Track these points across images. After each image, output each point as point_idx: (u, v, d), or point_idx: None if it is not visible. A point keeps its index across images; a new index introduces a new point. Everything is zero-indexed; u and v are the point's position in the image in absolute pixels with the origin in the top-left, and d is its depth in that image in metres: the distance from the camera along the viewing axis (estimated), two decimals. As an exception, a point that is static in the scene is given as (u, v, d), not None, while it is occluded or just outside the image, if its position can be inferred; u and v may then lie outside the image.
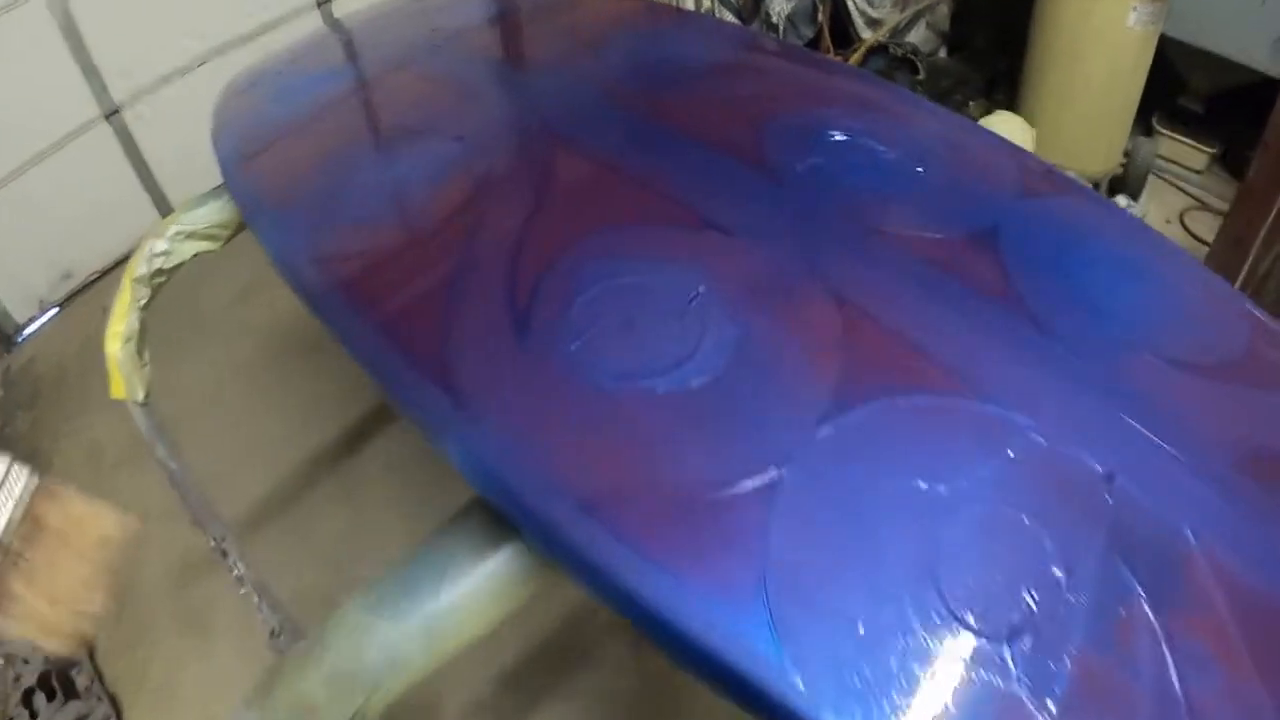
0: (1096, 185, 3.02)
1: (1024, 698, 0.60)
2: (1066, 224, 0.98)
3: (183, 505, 1.15)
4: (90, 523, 0.54)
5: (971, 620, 0.64)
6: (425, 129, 1.04)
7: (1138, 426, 0.77)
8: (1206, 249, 3.07)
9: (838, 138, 1.01)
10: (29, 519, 0.50)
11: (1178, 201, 3.32)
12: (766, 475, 0.69)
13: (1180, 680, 0.64)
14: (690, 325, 0.77)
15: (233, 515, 1.41)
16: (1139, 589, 0.67)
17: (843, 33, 3.10)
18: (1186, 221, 3.26)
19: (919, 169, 0.99)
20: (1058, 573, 0.67)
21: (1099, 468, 0.73)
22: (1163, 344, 0.87)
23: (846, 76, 1.19)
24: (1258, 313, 0.96)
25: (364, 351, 0.81)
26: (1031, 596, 0.65)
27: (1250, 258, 2.41)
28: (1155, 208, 3.18)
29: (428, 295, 0.84)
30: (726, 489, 0.68)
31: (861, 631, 0.63)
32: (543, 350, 0.77)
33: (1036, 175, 1.06)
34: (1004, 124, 2.55)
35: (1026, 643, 0.63)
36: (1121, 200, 2.83)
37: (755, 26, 3.03)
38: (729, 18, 3.02)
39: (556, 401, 0.74)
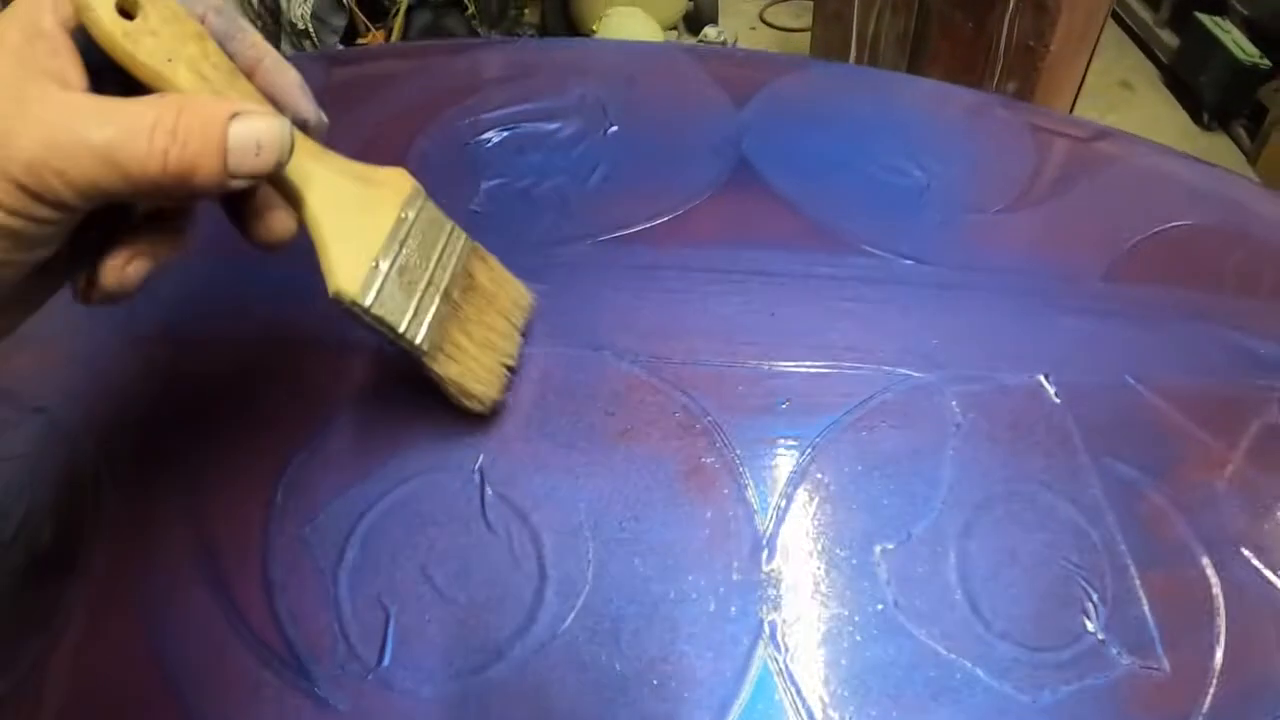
0: (675, 29, 2.96)
1: (1129, 662, 0.48)
2: (803, 114, 0.79)
3: None
4: (509, 285, 0.53)
5: (1080, 626, 0.49)
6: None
7: (1020, 305, 0.64)
8: (796, 34, 3.15)
9: (493, 139, 0.75)
10: (465, 274, 0.48)
11: (752, 6, 3.37)
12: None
13: (1217, 527, 0.54)
14: (509, 537, 0.50)
15: None
16: (1136, 472, 0.56)
17: (373, 5, 2.78)
18: (768, 18, 3.32)
19: (611, 128, 0.75)
20: (1076, 517, 0.53)
21: (1028, 376, 0.60)
22: (976, 196, 0.73)
23: (443, 56, 0.91)
24: (1017, 110, 0.87)
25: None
26: (1077, 569, 0.51)
27: (854, 27, 2.42)
28: (736, 22, 3.19)
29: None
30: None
31: None
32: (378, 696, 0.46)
33: (730, 71, 0.85)
34: (629, 22, 2.37)
35: (1104, 615, 0.50)
36: (711, 31, 2.78)
37: (283, 41, 2.62)
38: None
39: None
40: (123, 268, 0.38)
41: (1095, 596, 0.50)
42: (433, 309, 0.46)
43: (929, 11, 2.27)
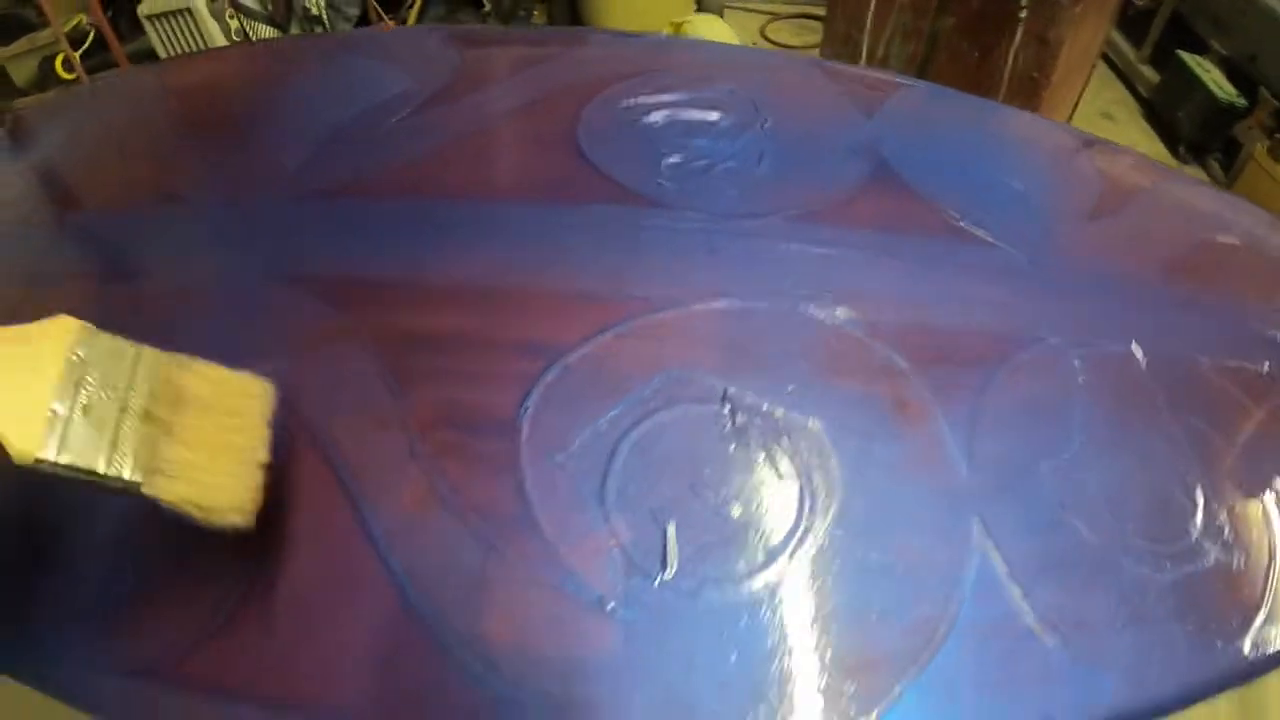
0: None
1: (1217, 556, 0.60)
2: (922, 128, 0.90)
3: None
4: (231, 382, 0.49)
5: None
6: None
7: (1109, 296, 0.76)
8: (797, 50, 3.27)
9: (660, 121, 0.84)
10: (170, 388, 0.45)
11: (754, 22, 3.49)
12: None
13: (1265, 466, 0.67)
14: (758, 439, 0.59)
15: None
16: (1204, 425, 0.68)
17: (386, -6, 2.84)
18: (769, 34, 3.44)
19: (766, 122, 0.85)
20: (1173, 454, 0.65)
21: (1123, 345, 0.72)
22: (1069, 206, 0.86)
23: (573, 47, 1.00)
24: (1075, 134, 1.00)
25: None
26: (1181, 489, 0.64)
27: (864, 51, 2.54)
28: (738, 37, 3.30)
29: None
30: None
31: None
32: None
33: (853, 85, 0.96)
34: (708, 28, 2.46)
35: (1199, 523, 0.62)
36: (722, 43, 2.88)
37: (294, 27, 2.66)
38: (264, 29, 2.63)
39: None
40: None
41: (1193, 509, 0.62)
42: (135, 436, 0.43)
43: (937, 39, 2.40)
